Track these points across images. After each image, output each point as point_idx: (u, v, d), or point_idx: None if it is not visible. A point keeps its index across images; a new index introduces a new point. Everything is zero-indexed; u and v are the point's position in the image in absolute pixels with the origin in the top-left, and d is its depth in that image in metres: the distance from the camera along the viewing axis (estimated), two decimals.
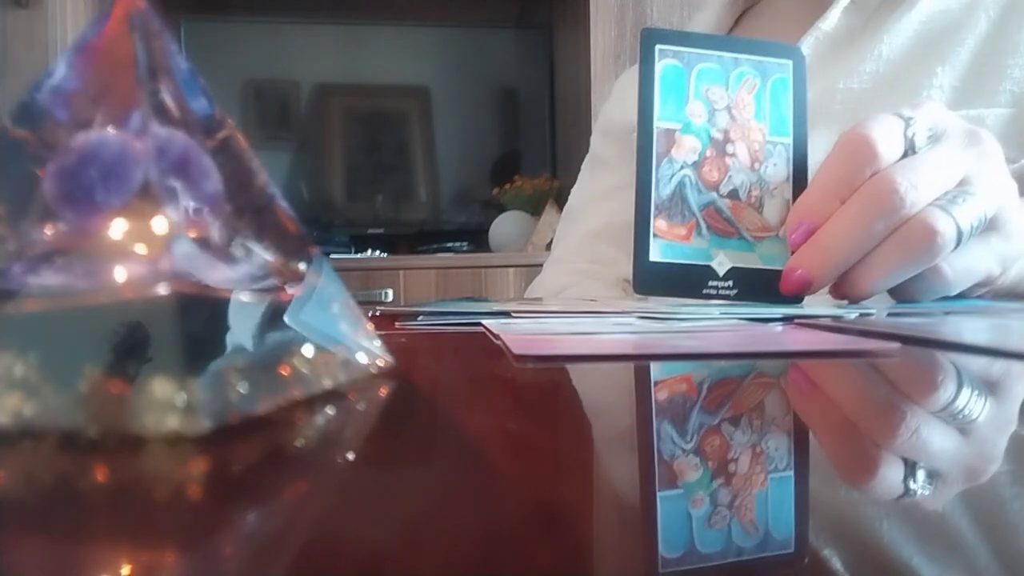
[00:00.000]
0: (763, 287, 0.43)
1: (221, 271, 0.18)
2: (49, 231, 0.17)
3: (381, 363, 0.22)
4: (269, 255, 0.19)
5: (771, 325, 0.35)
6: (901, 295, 0.43)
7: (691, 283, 0.43)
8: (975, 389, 0.20)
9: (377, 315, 0.44)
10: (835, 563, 0.10)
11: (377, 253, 2.10)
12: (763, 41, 0.47)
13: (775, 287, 0.42)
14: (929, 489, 0.12)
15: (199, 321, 0.17)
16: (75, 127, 0.18)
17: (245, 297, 0.18)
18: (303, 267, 0.20)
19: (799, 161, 0.45)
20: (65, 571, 0.10)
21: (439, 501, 0.12)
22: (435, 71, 2.26)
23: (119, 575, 0.09)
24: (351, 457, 0.15)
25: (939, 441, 0.15)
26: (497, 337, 0.30)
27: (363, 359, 0.21)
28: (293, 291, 0.19)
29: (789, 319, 0.36)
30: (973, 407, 0.18)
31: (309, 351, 0.19)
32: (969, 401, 0.19)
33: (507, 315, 0.39)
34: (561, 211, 0.89)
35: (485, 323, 0.35)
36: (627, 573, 0.09)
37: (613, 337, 0.31)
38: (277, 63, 2.21)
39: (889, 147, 0.39)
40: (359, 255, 2.08)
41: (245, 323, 0.17)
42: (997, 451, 0.15)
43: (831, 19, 0.62)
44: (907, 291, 0.42)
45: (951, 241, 0.38)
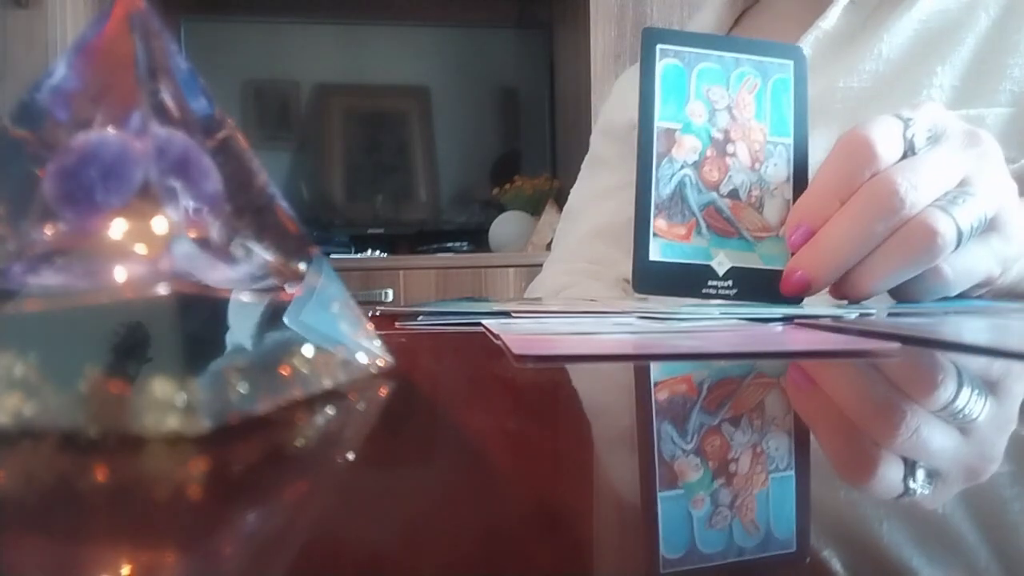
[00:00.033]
0: (763, 287, 0.43)
1: (221, 271, 0.18)
2: (49, 231, 0.17)
3: (381, 363, 0.22)
4: (269, 255, 0.19)
5: (771, 325, 0.35)
6: (901, 295, 0.43)
7: (691, 283, 0.43)
8: (975, 389, 0.20)
9: (377, 315, 0.44)
10: (836, 563, 0.10)
11: (377, 253, 2.10)
12: (764, 41, 0.46)
13: (775, 287, 0.42)
14: (929, 488, 0.12)
15: (199, 321, 0.17)
16: (75, 127, 0.18)
17: (245, 297, 0.18)
18: (303, 267, 0.20)
19: (799, 161, 0.45)
20: (65, 571, 0.10)
21: (439, 501, 0.12)
22: (435, 71, 2.26)
23: (119, 575, 0.09)
24: (351, 457, 0.15)
25: (939, 441, 0.15)
26: (497, 337, 0.30)
27: (363, 359, 0.21)
28: (293, 291, 0.19)
29: (789, 319, 0.36)
30: (973, 407, 0.18)
31: (309, 351, 0.19)
32: (969, 401, 0.19)
33: (507, 315, 0.39)
34: (561, 211, 0.89)
35: (485, 323, 0.35)
36: (627, 573, 0.09)
37: (613, 337, 0.31)
38: (277, 63, 2.21)
39: (888, 148, 0.39)
40: (359, 255, 2.08)
41: (245, 323, 0.17)
42: (997, 451, 0.15)
43: (831, 18, 0.62)
44: (907, 291, 0.42)
45: (951, 242, 0.38)
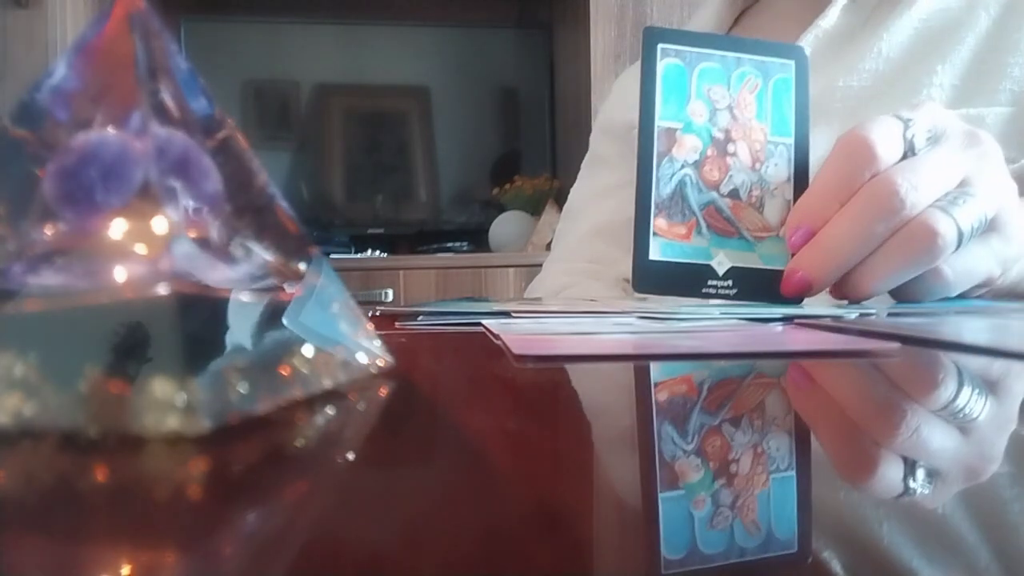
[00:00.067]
0: (763, 287, 0.43)
1: (221, 271, 0.18)
2: (49, 231, 0.17)
3: (381, 363, 0.22)
4: (269, 255, 0.19)
5: (771, 325, 0.35)
6: (901, 296, 0.43)
7: (690, 282, 0.43)
8: (975, 389, 0.20)
9: (377, 315, 0.44)
10: (837, 563, 0.10)
11: (377, 253, 2.10)
12: (765, 41, 0.46)
13: (775, 287, 0.42)
14: (929, 488, 0.12)
15: (199, 321, 0.17)
16: (75, 127, 0.18)
17: (245, 297, 0.18)
18: (303, 267, 0.20)
19: (800, 161, 0.45)
20: (65, 571, 0.10)
21: (439, 501, 0.12)
22: (435, 71, 2.26)
23: (119, 575, 0.09)
24: (351, 457, 0.15)
25: (939, 440, 0.15)
26: (497, 337, 0.30)
27: (363, 359, 0.21)
28: (293, 291, 0.19)
29: (789, 319, 0.36)
30: (973, 406, 0.18)
31: (309, 351, 0.19)
32: (969, 400, 0.19)
33: (507, 315, 0.39)
34: (561, 211, 0.89)
35: (485, 323, 0.35)
36: (628, 574, 0.09)
37: (613, 337, 0.31)
38: (277, 63, 2.21)
39: (888, 149, 0.39)
40: (359, 255, 2.08)
41: (245, 323, 0.17)
42: (997, 450, 0.15)
43: (831, 17, 0.62)
44: (907, 292, 0.42)
45: (952, 243, 0.38)
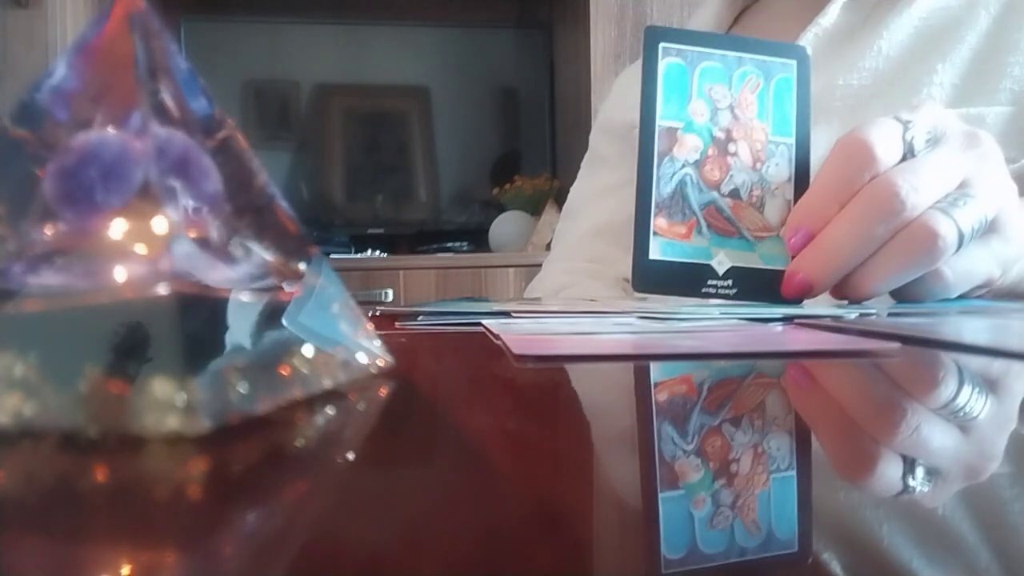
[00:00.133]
0: (763, 287, 0.43)
1: (221, 271, 0.18)
2: (49, 231, 0.17)
3: (381, 363, 0.22)
4: (269, 255, 0.19)
5: (771, 325, 0.35)
6: (902, 296, 0.43)
7: (690, 282, 0.43)
8: (975, 388, 0.20)
9: (377, 315, 0.44)
10: (837, 562, 0.10)
11: (377, 253, 2.10)
12: (767, 40, 0.46)
13: (775, 287, 0.42)
14: (929, 487, 0.12)
15: (199, 321, 0.17)
16: (75, 127, 0.18)
17: (244, 297, 0.18)
18: (303, 267, 0.20)
19: (801, 161, 0.45)
20: (65, 571, 0.10)
21: (439, 501, 0.12)
22: (435, 71, 2.26)
23: (119, 575, 0.09)
24: (351, 457, 0.15)
25: (939, 439, 0.15)
26: (497, 337, 0.30)
27: (363, 359, 0.21)
28: (292, 291, 0.19)
29: (789, 319, 0.36)
30: (973, 406, 0.18)
31: (309, 351, 0.19)
32: (969, 400, 0.19)
33: (507, 315, 0.39)
34: (561, 211, 0.89)
35: (485, 323, 0.35)
36: (628, 574, 0.09)
37: (613, 337, 0.31)
38: (277, 63, 2.21)
39: (888, 150, 0.39)
40: (359, 255, 2.08)
41: (244, 323, 0.17)
42: (997, 450, 0.15)
43: (831, 15, 0.62)
44: (908, 293, 0.42)
45: (952, 244, 0.38)
